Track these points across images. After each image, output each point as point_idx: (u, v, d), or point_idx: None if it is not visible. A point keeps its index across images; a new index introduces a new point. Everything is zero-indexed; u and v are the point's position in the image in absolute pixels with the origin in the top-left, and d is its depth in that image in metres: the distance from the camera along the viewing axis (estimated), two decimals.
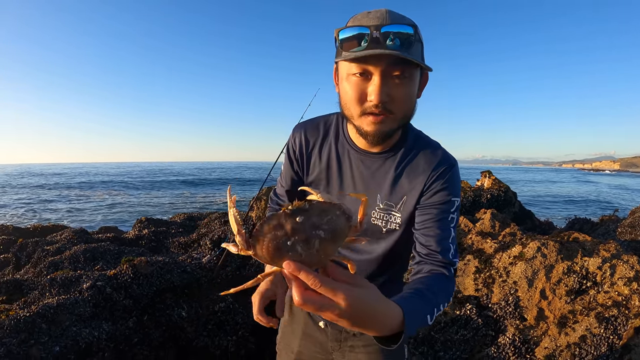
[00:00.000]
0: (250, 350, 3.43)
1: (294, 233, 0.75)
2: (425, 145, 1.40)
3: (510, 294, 3.46)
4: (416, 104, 1.30)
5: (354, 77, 1.19)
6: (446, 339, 3.33)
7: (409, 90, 1.21)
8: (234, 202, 0.82)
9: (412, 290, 1.12)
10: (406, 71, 1.16)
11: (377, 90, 1.15)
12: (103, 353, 2.73)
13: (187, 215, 7.72)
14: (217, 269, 4.22)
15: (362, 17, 1.16)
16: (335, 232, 0.78)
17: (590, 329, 2.95)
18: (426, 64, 1.22)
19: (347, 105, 1.25)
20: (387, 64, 1.14)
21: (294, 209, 0.77)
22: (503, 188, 7.97)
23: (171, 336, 3.24)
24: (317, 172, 1.50)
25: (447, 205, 1.32)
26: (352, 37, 1.14)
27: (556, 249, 3.54)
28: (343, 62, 1.21)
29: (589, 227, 7.13)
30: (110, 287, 3.24)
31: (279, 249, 0.75)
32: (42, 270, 3.96)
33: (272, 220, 0.76)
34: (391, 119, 1.23)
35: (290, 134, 1.58)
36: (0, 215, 19.67)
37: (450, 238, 1.32)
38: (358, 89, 1.19)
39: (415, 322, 0.95)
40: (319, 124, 1.53)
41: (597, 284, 3.26)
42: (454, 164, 1.38)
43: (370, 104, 1.19)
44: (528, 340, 3.15)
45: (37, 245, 4.93)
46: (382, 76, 1.15)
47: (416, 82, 1.24)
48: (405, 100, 1.22)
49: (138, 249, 5.02)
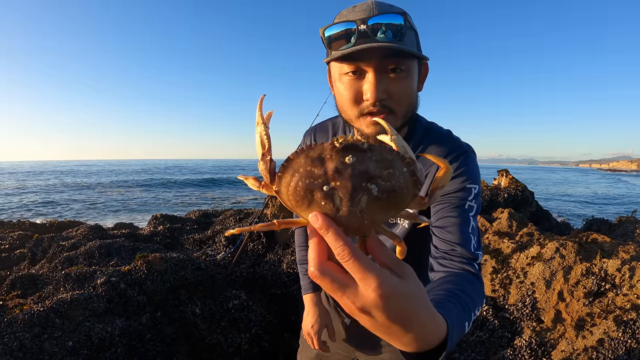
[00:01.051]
0: (263, 348, 3.41)
1: (335, 177, 0.55)
2: (436, 137, 1.32)
3: (527, 295, 3.40)
4: (418, 98, 1.22)
5: (347, 76, 1.12)
6: (462, 340, 3.28)
7: (408, 83, 1.12)
8: (267, 118, 0.64)
9: (445, 292, 0.96)
10: (402, 64, 1.08)
11: (373, 87, 1.07)
12: (116, 349, 2.73)
13: (202, 212, 7.74)
14: (232, 266, 4.22)
15: (348, 12, 1.09)
16: (394, 193, 0.56)
17: (608, 333, 2.88)
18: (423, 54, 1.14)
19: (344, 108, 1.18)
20: (379, 58, 1.06)
21: (346, 145, 0.56)
22: (520, 187, 7.86)
23: (184, 333, 3.24)
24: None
25: (464, 193, 1.20)
26: (340, 35, 1.07)
27: (575, 249, 3.47)
28: (334, 62, 1.14)
29: (606, 228, 7.00)
30: (125, 283, 3.24)
31: (309, 192, 0.56)
32: (57, 265, 3.99)
33: (312, 151, 0.57)
34: (392, 118, 1.14)
35: (301, 139, 1.56)
36: (16, 210, 19.96)
37: (470, 227, 1.18)
38: (352, 89, 1.12)
39: (457, 336, 0.78)
40: (327, 126, 1.49)
41: (615, 287, 3.18)
42: (467, 150, 1.28)
43: (367, 104, 1.11)
44: (545, 343, 3.09)
45: (53, 240, 4.97)
46: (376, 72, 1.08)
47: (414, 74, 1.15)
48: (405, 96, 1.13)
49: (153, 245, 5.04)
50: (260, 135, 0.62)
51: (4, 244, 5.39)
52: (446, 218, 1.19)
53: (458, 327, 0.81)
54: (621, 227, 6.72)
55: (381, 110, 1.12)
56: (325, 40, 1.11)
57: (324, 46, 1.14)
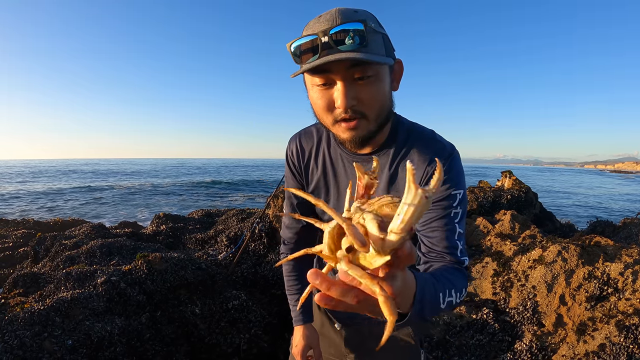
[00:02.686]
0: (262, 348, 3.42)
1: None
2: (418, 138, 1.31)
3: (528, 299, 3.39)
4: (392, 98, 1.22)
5: (318, 87, 1.13)
6: (461, 344, 3.27)
7: (377, 88, 1.13)
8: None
9: (423, 272, 1.02)
10: (368, 70, 1.08)
11: (342, 97, 1.09)
12: (115, 348, 2.74)
13: (205, 212, 7.76)
14: (233, 266, 4.23)
15: (314, 23, 1.09)
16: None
17: (610, 338, 2.86)
18: (390, 54, 1.14)
19: (320, 115, 1.20)
20: (346, 67, 1.06)
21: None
22: (524, 189, 7.81)
23: (183, 333, 3.25)
24: (315, 180, 1.45)
25: (449, 201, 1.22)
26: (306, 48, 1.08)
27: (577, 253, 3.45)
28: (306, 74, 1.15)
29: (610, 230, 6.95)
30: (125, 282, 3.25)
31: None
32: (58, 264, 4.01)
33: None
34: (365, 122, 1.16)
35: (287, 145, 1.53)
36: (22, 208, 20.07)
37: (457, 234, 1.22)
38: (324, 98, 1.14)
39: (429, 303, 0.87)
40: (312, 132, 1.48)
41: (618, 291, 3.16)
42: (451, 152, 1.27)
43: (339, 111, 1.13)
44: (545, 347, 3.07)
45: (55, 239, 4.99)
46: (344, 81, 1.08)
47: (384, 77, 1.14)
48: (375, 100, 1.14)
49: (154, 244, 5.06)
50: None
51: (7, 242, 5.42)
52: (432, 227, 1.22)
53: (430, 294, 0.88)
54: (625, 229, 6.67)
55: (353, 116, 1.13)
56: (293, 54, 1.11)
57: (293, 61, 1.14)
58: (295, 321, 1.69)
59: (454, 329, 3.42)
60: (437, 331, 3.33)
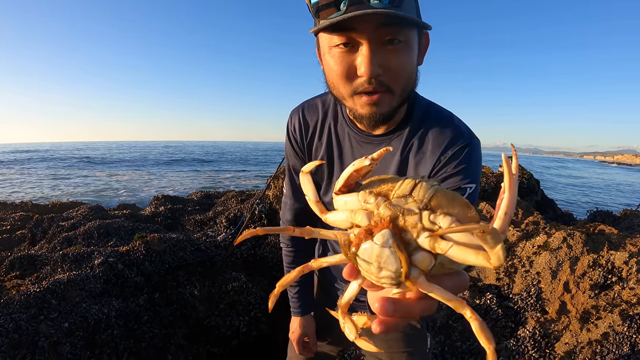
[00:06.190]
0: (262, 331, 3.38)
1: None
2: (436, 121, 1.17)
3: (532, 285, 3.34)
4: (418, 73, 1.08)
5: (338, 49, 0.98)
6: (464, 329, 3.23)
7: (407, 56, 0.98)
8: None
9: None
10: (400, 34, 0.94)
11: (367, 61, 0.94)
12: (112, 330, 2.70)
13: (204, 193, 7.72)
14: (232, 247, 4.18)
15: None
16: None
17: (614, 327, 2.82)
18: (424, 21, 0.99)
19: (335, 85, 1.05)
20: (375, 27, 0.91)
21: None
22: (526, 175, 7.76)
23: (182, 315, 3.20)
24: (319, 159, 1.30)
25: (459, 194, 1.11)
26: (328, 1, 0.92)
27: (582, 240, 3.40)
28: (322, 32, 1.00)
29: (610, 220, 6.91)
30: (122, 263, 3.21)
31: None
32: (55, 246, 3.96)
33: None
34: (389, 97, 1.02)
35: (288, 119, 1.39)
36: (24, 190, 20.02)
37: None
38: (344, 63, 0.98)
39: None
40: (317, 104, 1.33)
41: (622, 280, 3.12)
42: (470, 141, 1.14)
43: (361, 81, 0.98)
44: (548, 335, 3.03)
45: (53, 221, 4.94)
46: (371, 43, 0.93)
47: (414, 45, 1.00)
48: (404, 71, 1.00)
49: (153, 225, 5.01)
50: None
51: (5, 225, 5.37)
52: None
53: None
54: (626, 220, 6.64)
55: (377, 89, 0.99)
56: (312, 7, 0.96)
57: (311, 15, 1.00)
58: (294, 313, 1.64)
59: (457, 314, 3.38)
60: (440, 316, 3.29)
